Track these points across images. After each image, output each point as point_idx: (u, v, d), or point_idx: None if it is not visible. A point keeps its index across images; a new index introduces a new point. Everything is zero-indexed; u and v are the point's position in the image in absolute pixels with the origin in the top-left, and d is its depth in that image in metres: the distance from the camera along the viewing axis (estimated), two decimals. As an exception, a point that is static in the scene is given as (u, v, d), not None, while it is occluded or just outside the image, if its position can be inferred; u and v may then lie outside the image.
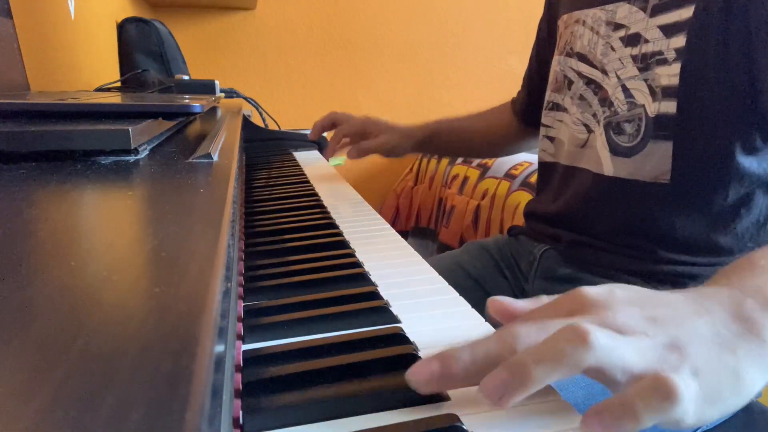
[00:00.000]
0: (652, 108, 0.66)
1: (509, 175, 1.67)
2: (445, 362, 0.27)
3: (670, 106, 0.65)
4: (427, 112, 2.43)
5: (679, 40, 0.64)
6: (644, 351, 0.27)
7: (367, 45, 2.34)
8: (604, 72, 0.72)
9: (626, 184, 0.70)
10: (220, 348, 0.17)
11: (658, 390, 0.25)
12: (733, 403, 0.28)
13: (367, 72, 2.36)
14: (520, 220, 1.49)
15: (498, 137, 1.06)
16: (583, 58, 0.76)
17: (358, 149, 0.96)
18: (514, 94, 1.05)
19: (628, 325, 0.28)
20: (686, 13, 0.63)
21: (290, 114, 2.26)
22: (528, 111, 0.99)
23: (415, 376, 0.28)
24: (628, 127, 0.69)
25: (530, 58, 1.00)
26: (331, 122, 1.02)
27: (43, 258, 0.22)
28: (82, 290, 0.19)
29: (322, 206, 0.72)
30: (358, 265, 0.49)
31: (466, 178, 1.86)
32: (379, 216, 0.70)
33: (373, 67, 2.36)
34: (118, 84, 1.30)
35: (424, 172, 2.16)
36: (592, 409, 0.26)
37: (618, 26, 0.71)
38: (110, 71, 1.46)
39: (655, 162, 0.67)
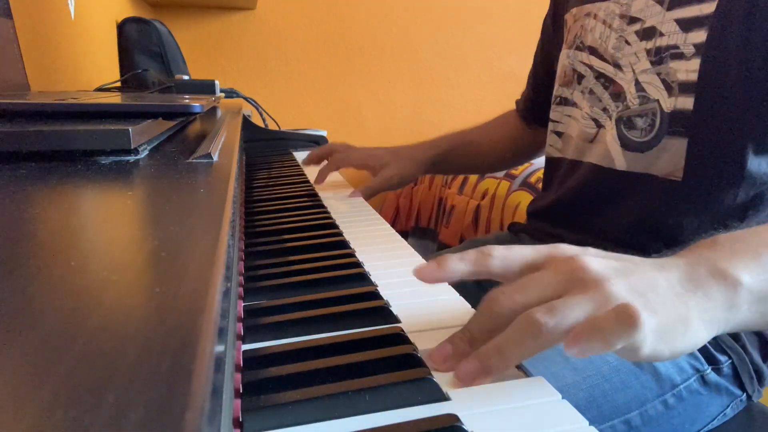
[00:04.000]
0: (668, 103, 0.66)
1: (509, 175, 1.67)
2: (441, 263, 0.34)
3: (687, 102, 0.64)
4: (427, 112, 2.43)
5: (699, 36, 0.63)
6: (608, 298, 0.31)
7: (367, 45, 2.34)
8: (617, 66, 0.72)
9: (638, 179, 0.69)
10: (220, 348, 0.17)
11: (623, 314, 0.29)
12: (681, 345, 0.32)
13: (367, 72, 2.36)
14: (520, 220, 1.49)
15: (506, 148, 1.02)
16: (594, 51, 0.75)
17: (364, 192, 0.85)
18: (514, 94, 1.04)
19: (595, 275, 0.32)
20: (707, 8, 0.62)
21: (290, 114, 2.26)
22: (535, 109, 0.97)
23: (421, 273, 0.34)
24: (641, 122, 0.68)
25: (535, 56, 0.98)
26: (330, 152, 0.95)
27: (43, 258, 0.22)
28: (82, 290, 0.19)
29: (322, 206, 0.72)
30: (358, 265, 0.49)
31: (466, 178, 1.86)
32: (379, 216, 0.70)
33: (373, 67, 2.36)
34: (118, 84, 1.30)
35: (424, 172, 2.15)
36: (570, 335, 0.29)
37: (633, 20, 0.70)
38: (110, 71, 1.46)
39: (669, 158, 0.66)
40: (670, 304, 0.32)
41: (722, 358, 0.63)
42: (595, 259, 0.33)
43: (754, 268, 0.35)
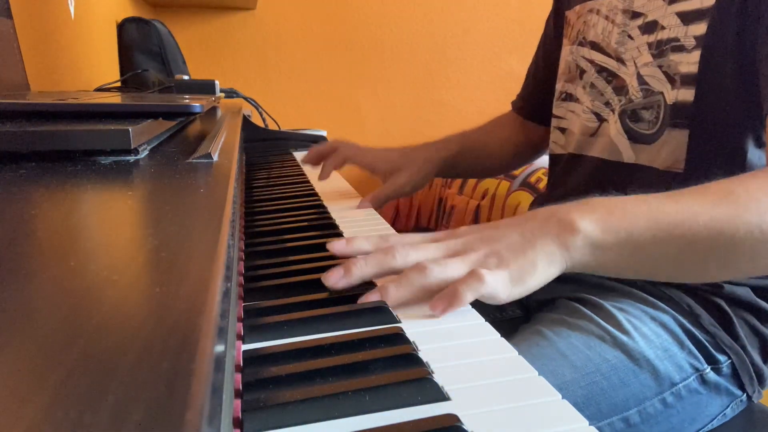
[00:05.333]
0: (671, 95, 0.66)
1: (509, 175, 1.67)
2: (348, 270, 0.41)
3: (688, 94, 0.65)
4: (427, 112, 2.43)
5: (700, 28, 0.63)
6: (470, 262, 0.41)
7: (367, 45, 2.34)
8: (620, 60, 0.72)
9: (640, 172, 0.70)
10: (220, 348, 0.17)
11: (474, 276, 0.39)
12: (532, 282, 0.41)
13: (367, 72, 2.36)
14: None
15: (509, 151, 0.98)
16: (596, 46, 0.76)
17: (374, 202, 0.75)
18: (514, 95, 1.03)
19: (466, 247, 0.42)
20: (708, 0, 0.63)
21: (290, 114, 2.26)
22: (535, 106, 0.95)
23: (328, 280, 0.41)
24: (647, 114, 0.69)
25: (536, 53, 0.97)
26: (332, 150, 0.85)
27: (43, 258, 0.22)
28: (82, 290, 0.19)
29: (322, 206, 0.72)
30: (358, 265, 0.49)
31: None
32: (379, 216, 0.70)
33: (373, 67, 2.36)
34: (118, 84, 1.30)
35: (424, 172, 2.15)
36: (435, 298, 0.39)
37: (636, 14, 0.71)
38: (110, 71, 1.46)
39: (671, 150, 0.66)
40: (520, 254, 0.41)
41: (721, 357, 0.63)
42: (470, 235, 0.44)
43: (599, 222, 0.43)
